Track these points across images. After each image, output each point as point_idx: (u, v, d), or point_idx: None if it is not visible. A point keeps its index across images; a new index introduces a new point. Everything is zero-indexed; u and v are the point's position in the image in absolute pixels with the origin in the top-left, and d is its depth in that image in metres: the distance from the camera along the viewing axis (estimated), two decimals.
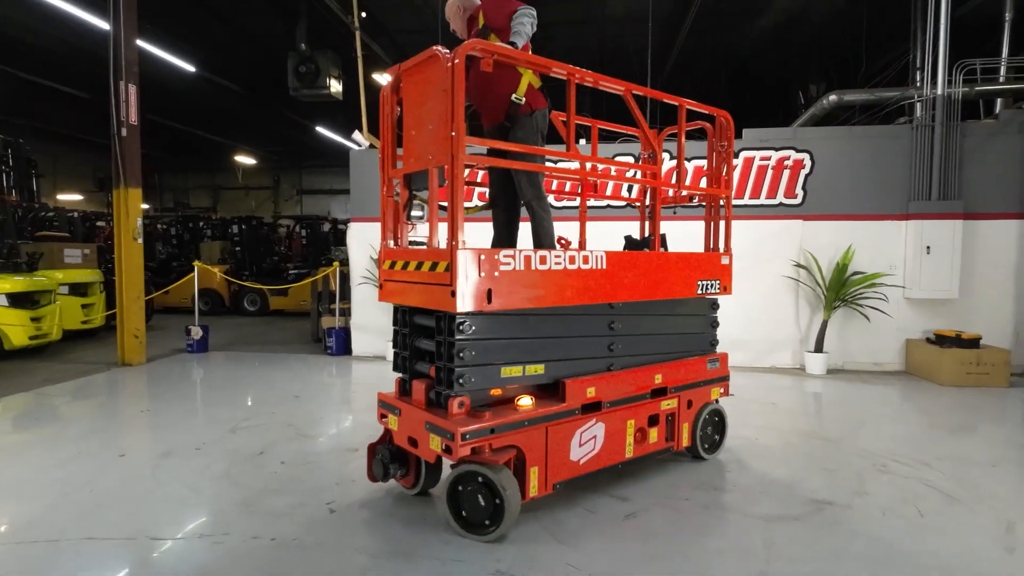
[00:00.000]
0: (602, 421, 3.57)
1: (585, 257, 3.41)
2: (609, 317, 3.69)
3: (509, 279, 3.08)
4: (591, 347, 3.62)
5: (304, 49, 10.98)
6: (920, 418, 5.66)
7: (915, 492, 3.74)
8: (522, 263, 3.14)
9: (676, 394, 4.02)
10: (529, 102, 3.66)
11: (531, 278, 3.19)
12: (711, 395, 4.30)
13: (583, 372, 3.55)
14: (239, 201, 25.69)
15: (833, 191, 7.53)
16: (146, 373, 7.24)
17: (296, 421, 5.18)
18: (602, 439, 3.58)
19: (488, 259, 3.00)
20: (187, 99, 15.98)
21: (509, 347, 3.24)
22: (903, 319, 7.45)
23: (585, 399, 3.47)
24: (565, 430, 3.38)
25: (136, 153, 7.45)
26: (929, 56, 7.44)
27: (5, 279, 7.89)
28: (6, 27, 11.55)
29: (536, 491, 3.24)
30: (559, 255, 3.31)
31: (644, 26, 10.88)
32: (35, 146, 10.85)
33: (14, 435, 4.96)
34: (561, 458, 3.38)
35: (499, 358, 3.20)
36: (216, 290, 13.23)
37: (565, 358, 3.49)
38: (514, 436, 3.15)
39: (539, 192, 3.76)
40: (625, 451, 3.73)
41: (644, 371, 3.84)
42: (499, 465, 3.03)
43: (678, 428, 4.05)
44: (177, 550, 2.98)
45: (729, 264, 4.39)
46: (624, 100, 3.79)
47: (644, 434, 3.84)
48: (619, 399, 3.66)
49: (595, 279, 3.47)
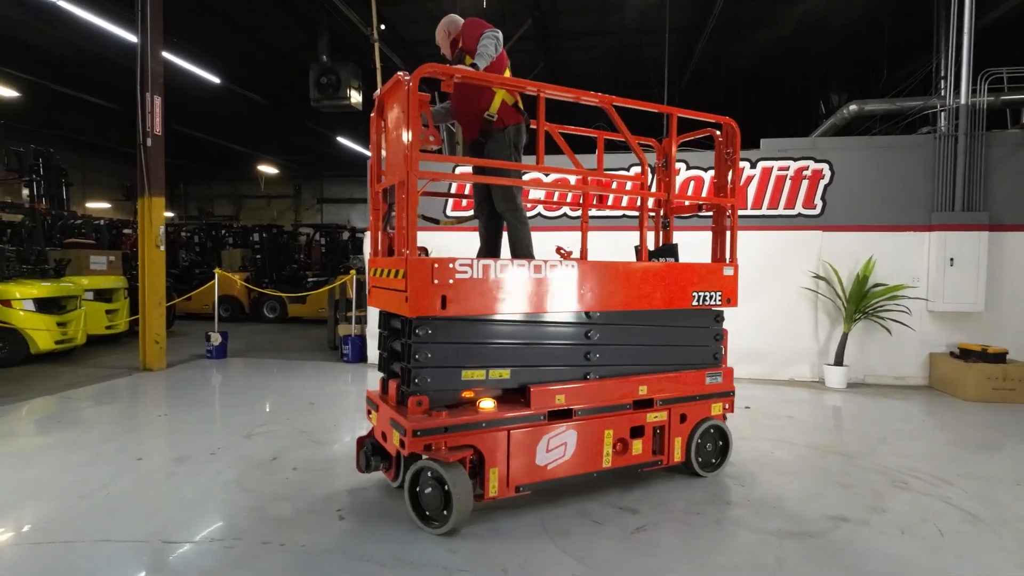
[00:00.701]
0: (574, 429, 3.59)
1: (552, 266, 3.50)
2: (586, 326, 3.71)
3: (466, 287, 3.23)
4: (565, 355, 3.65)
5: (325, 61, 11.18)
6: (943, 434, 5.51)
7: (935, 510, 3.64)
8: (480, 272, 3.27)
9: (665, 407, 3.92)
10: (502, 118, 3.85)
11: (490, 287, 3.30)
12: (710, 410, 4.14)
13: (556, 379, 3.60)
14: (261, 210, 26.13)
15: (853, 202, 7.43)
16: (166, 378, 7.37)
17: (310, 428, 5.22)
18: (574, 446, 3.60)
19: (442, 267, 3.16)
20: (211, 110, 16.35)
21: (470, 351, 3.37)
22: (926, 332, 7.29)
23: (553, 406, 3.52)
24: (530, 435, 3.44)
25: (160, 163, 7.63)
26: (952, 65, 7.32)
27: (33, 285, 8.11)
28: (39, 40, 11.95)
29: (496, 492, 3.33)
30: (522, 264, 3.41)
31: (661, 36, 10.89)
32: (65, 156, 11.15)
33: (36, 438, 5.08)
34: (525, 462, 3.43)
35: (459, 361, 3.35)
36: (236, 297, 13.44)
37: (534, 365, 3.56)
38: (471, 436, 3.26)
39: (513, 204, 3.91)
40: (602, 461, 3.70)
41: (626, 381, 3.80)
42: (452, 463, 3.15)
43: (668, 442, 3.95)
44: (189, 554, 3.01)
45: (734, 275, 4.21)
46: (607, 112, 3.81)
47: (626, 445, 3.81)
48: (594, 408, 3.66)
49: (564, 288, 3.55)
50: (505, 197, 3.91)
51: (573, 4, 11.05)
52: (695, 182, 7.78)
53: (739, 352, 7.51)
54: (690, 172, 7.77)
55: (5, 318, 7.72)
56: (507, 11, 10.84)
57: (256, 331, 11.87)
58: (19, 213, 9.86)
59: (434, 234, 7.41)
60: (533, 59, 13.08)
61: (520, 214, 3.95)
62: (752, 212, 7.67)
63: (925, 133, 7.75)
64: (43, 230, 9.26)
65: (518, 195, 3.99)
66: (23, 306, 7.84)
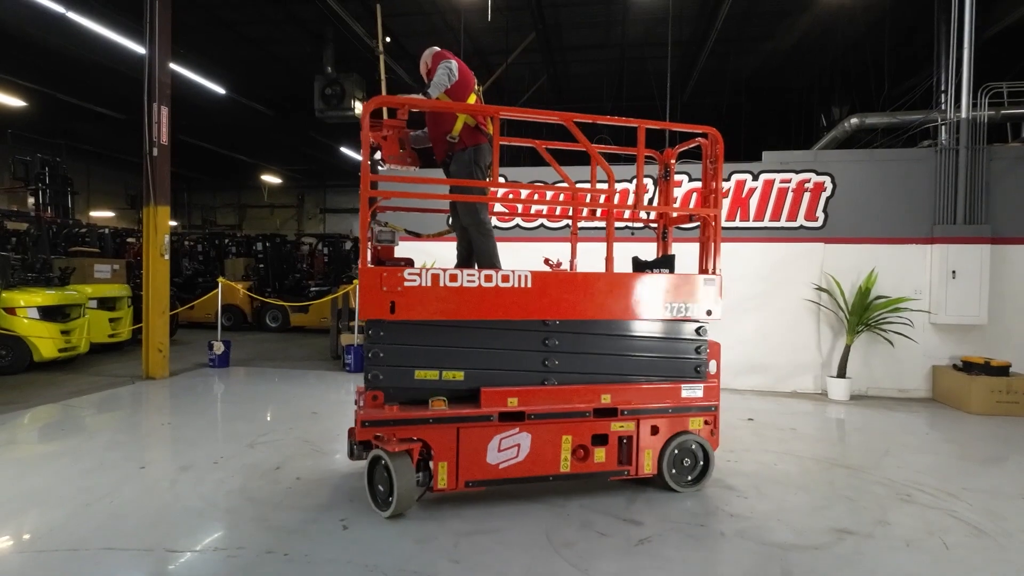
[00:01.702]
0: (528, 432, 3.71)
1: (505, 276, 3.67)
2: (543, 334, 3.82)
3: (415, 294, 3.53)
4: (521, 360, 3.79)
5: (330, 72, 11.30)
6: (947, 447, 5.50)
7: (941, 524, 3.63)
8: (429, 280, 3.56)
9: (632, 417, 3.90)
10: (463, 139, 4.15)
11: (440, 294, 3.57)
12: (688, 425, 4.02)
13: (512, 383, 3.74)
14: (264, 219, 26.21)
15: (855, 214, 7.46)
16: (169, 387, 7.37)
17: (313, 437, 5.22)
18: (528, 449, 3.72)
19: (390, 276, 3.49)
20: (217, 120, 16.47)
21: (422, 353, 3.65)
22: (929, 345, 7.29)
23: (504, 408, 3.67)
24: (479, 434, 3.64)
25: (166, 172, 7.68)
26: (953, 79, 7.38)
27: (38, 293, 8.14)
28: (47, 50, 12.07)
29: (445, 484, 3.57)
30: (472, 274, 3.64)
31: (664, 50, 10.98)
32: (70, 164, 11.23)
33: (40, 445, 5.08)
34: (475, 459, 3.63)
35: (411, 361, 3.64)
36: (239, 306, 13.46)
37: (488, 368, 3.74)
38: (419, 431, 3.54)
39: (475, 218, 4.19)
40: (560, 465, 3.79)
41: (587, 389, 3.85)
42: (398, 453, 3.43)
43: (636, 453, 3.92)
44: (193, 562, 3.01)
45: (715, 286, 4.08)
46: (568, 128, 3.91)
47: (587, 452, 3.85)
48: (549, 413, 3.75)
49: (517, 297, 3.69)
50: (467, 212, 4.21)
51: (577, 18, 11.17)
52: (698, 194, 7.81)
53: (742, 364, 7.56)
54: (694, 184, 7.80)
55: (9, 326, 7.74)
56: (511, 25, 10.97)
57: (259, 340, 11.88)
58: (25, 221, 9.93)
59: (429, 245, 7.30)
60: (537, 72, 13.21)
61: (482, 227, 4.21)
62: (755, 224, 7.70)
63: (926, 147, 7.79)
64: (48, 238, 9.31)
65: (481, 210, 4.23)
66: (27, 314, 7.86)
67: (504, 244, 4.27)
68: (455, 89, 4.06)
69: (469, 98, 4.19)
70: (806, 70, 13.26)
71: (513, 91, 13.79)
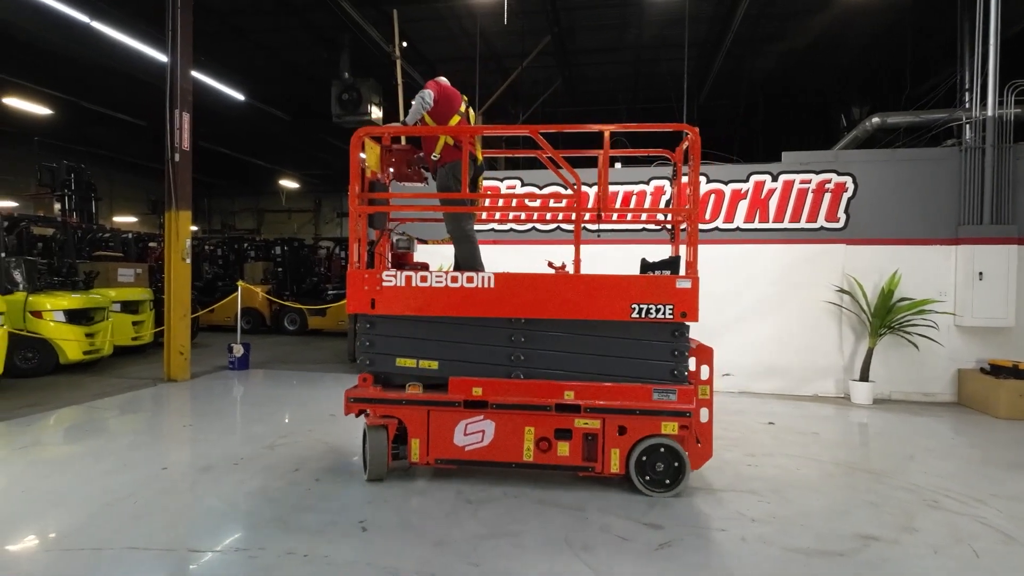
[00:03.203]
0: (492, 419, 4.05)
1: (469, 278, 4.02)
2: (510, 331, 4.07)
3: (391, 293, 4.06)
4: (489, 355, 4.10)
5: (347, 78, 11.39)
6: (974, 452, 5.37)
7: (969, 530, 3.55)
8: (403, 281, 4.06)
9: (597, 415, 3.95)
10: (443, 157, 4.53)
11: (411, 293, 4.05)
12: (659, 428, 3.91)
13: (480, 374, 4.07)
14: (282, 224, 26.50)
15: (877, 215, 7.35)
16: (190, 389, 7.47)
17: (331, 440, 5.25)
18: (492, 436, 4.06)
19: (371, 277, 4.08)
20: (235, 126, 16.69)
21: (401, 343, 4.15)
22: (954, 348, 7.14)
23: (470, 396, 4.03)
24: (447, 417, 4.08)
25: (188, 177, 7.80)
26: (978, 77, 7.24)
27: (63, 296, 8.30)
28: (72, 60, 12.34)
29: (418, 458, 4.11)
30: (440, 276, 4.06)
31: (680, 51, 10.92)
32: (94, 171, 11.42)
33: (64, 446, 5.17)
34: (443, 440, 4.09)
35: (392, 350, 4.15)
36: (258, 309, 13.61)
37: (459, 360, 4.12)
38: (394, 409, 4.11)
39: (456, 227, 4.61)
40: (523, 455, 4.05)
41: (549, 384, 4.00)
42: (375, 426, 4.09)
43: (603, 451, 3.97)
44: (214, 563, 3.04)
45: (691, 288, 3.89)
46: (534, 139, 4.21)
47: (551, 445, 4.02)
48: (511, 404, 4.01)
49: (482, 297, 4.01)
50: (447, 220, 4.69)
51: (592, 21, 11.14)
52: (715, 195, 7.76)
53: (761, 367, 7.48)
54: (712, 185, 7.74)
55: (36, 329, 7.90)
56: (526, 28, 10.98)
57: (277, 343, 12.00)
58: (51, 226, 10.13)
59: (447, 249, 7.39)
60: (551, 75, 13.20)
61: (462, 234, 4.61)
62: (774, 225, 7.61)
63: (950, 146, 7.65)
64: (73, 243, 9.49)
65: (462, 218, 4.63)
66: (53, 317, 8.02)
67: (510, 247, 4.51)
68: (438, 112, 4.44)
69: (453, 119, 4.50)
70: (825, 70, 13.09)
71: (528, 94, 13.79)
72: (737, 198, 7.70)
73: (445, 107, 4.48)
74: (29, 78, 12.86)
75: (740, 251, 7.60)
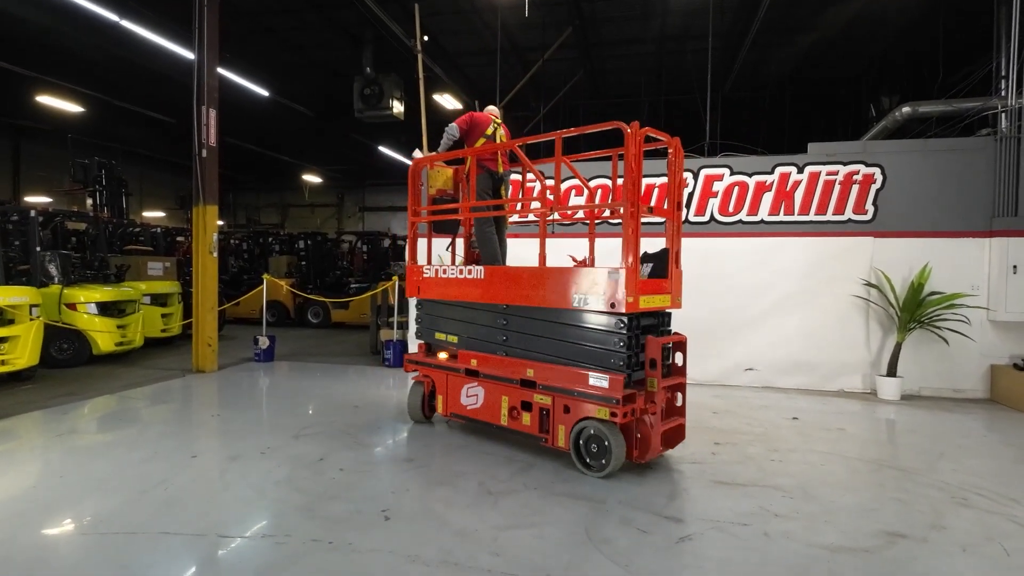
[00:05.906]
0: (482, 387, 4.91)
1: (470, 270, 4.98)
2: (499, 315, 4.78)
3: (428, 282, 5.33)
4: (487, 334, 4.87)
5: (369, 73, 11.47)
6: (1007, 450, 5.24)
7: (1000, 529, 3.47)
8: (434, 273, 5.27)
9: (549, 393, 4.42)
10: (470, 173, 5.32)
11: (438, 283, 5.25)
12: (594, 412, 4.12)
13: (480, 350, 4.92)
14: (305, 218, 26.81)
15: (907, 207, 7.18)
16: (217, 380, 7.63)
17: (354, 430, 5.33)
18: (482, 400, 4.92)
19: (416, 270, 5.42)
20: (260, 122, 16.93)
21: (436, 321, 5.30)
22: (987, 343, 6.96)
23: (468, 366, 5.00)
24: (457, 381, 5.12)
25: (214, 172, 7.94)
26: (1015, 64, 7.01)
27: (96, 289, 8.54)
28: (102, 59, 12.63)
29: (442, 411, 5.29)
30: (454, 268, 5.09)
31: (704, 42, 10.76)
32: (124, 167, 11.72)
33: (99, 435, 5.34)
34: (455, 398, 5.13)
35: (433, 326, 5.35)
36: (282, 302, 13.82)
37: (469, 336, 5.02)
38: (428, 371, 5.43)
39: (479, 229, 5.44)
40: (500, 418, 4.78)
41: (518, 362, 4.64)
42: (416, 382, 5.51)
43: (552, 425, 4.42)
44: (243, 548, 3.12)
45: (620, 279, 3.97)
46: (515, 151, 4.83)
47: (518, 413, 4.65)
48: (494, 376, 4.80)
49: (475, 286, 4.93)
50: (476, 223, 5.50)
51: (614, 12, 11.04)
52: (739, 187, 7.65)
53: (786, 361, 7.39)
54: (735, 178, 7.64)
55: (71, 320, 8.14)
56: (548, 20, 10.92)
57: (301, 336, 12.19)
58: (83, 221, 10.40)
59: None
60: (573, 68, 13.12)
61: (482, 235, 5.42)
62: (800, 218, 7.48)
63: (984, 135, 7.43)
64: (105, 237, 9.74)
65: (483, 222, 5.43)
66: (87, 309, 8.25)
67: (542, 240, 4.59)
68: (466, 135, 5.49)
69: (479, 141, 5.44)
70: (854, 59, 12.79)
71: (550, 87, 13.73)
72: (762, 190, 7.59)
73: (474, 131, 5.49)
74: (62, 76, 13.19)
75: (765, 244, 7.49)
